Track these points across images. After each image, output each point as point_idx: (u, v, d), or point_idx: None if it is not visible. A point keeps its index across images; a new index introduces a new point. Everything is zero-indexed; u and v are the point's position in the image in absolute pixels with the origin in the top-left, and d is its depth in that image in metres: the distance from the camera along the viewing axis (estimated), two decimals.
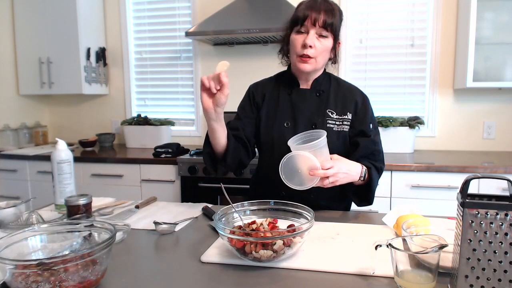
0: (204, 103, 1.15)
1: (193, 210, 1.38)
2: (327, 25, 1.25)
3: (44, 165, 2.74)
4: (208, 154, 1.31)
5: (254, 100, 1.43)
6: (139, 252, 1.04)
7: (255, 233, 0.88)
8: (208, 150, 1.31)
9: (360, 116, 1.36)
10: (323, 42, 1.27)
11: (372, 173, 1.27)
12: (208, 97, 1.16)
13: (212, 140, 1.26)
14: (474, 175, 0.74)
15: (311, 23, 1.24)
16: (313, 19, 1.24)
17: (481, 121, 2.71)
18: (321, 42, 1.26)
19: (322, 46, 1.27)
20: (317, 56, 1.27)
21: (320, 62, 1.31)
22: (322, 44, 1.27)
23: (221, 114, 1.20)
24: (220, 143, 1.26)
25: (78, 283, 0.75)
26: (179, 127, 3.23)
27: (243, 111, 1.43)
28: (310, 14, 1.24)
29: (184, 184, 2.53)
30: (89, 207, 1.22)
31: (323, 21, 1.24)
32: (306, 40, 1.24)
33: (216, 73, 1.11)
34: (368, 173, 1.26)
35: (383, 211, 1.29)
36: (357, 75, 2.87)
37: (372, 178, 1.27)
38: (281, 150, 1.26)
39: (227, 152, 1.27)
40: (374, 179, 1.27)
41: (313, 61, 1.28)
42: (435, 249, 0.75)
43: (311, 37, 1.25)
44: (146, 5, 3.21)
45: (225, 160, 1.28)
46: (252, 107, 1.42)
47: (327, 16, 1.24)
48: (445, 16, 2.68)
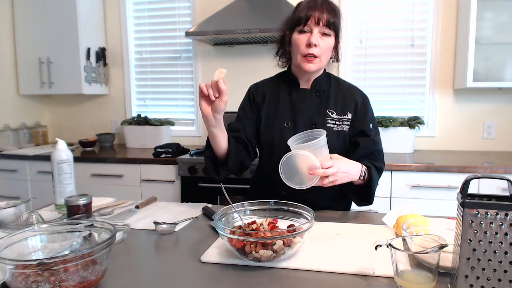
0: (203, 110, 1.16)
1: (193, 210, 1.38)
2: (330, 24, 1.25)
3: (44, 165, 2.74)
4: (210, 158, 1.31)
5: (254, 101, 1.43)
6: (139, 252, 1.04)
7: (255, 233, 0.88)
8: (209, 154, 1.31)
9: (360, 116, 1.36)
10: (326, 41, 1.27)
11: (372, 172, 1.27)
12: (207, 104, 1.16)
13: (213, 144, 1.27)
14: (474, 175, 0.74)
15: (315, 22, 1.25)
16: (317, 18, 1.24)
17: (481, 121, 2.71)
18: (325, 40, 1.27)
19: (326, 44, 1.27)
20: (321, 55, 1.28)
21: (324, 62, 1.31)
22: (325, 43, 1.27)
23: (221, 120, 1.21)
24: (221, 147, 1.27)
25: (78, 283, 0.75)
26: (179, 127, 3.23)
27: (243, 112, 1.43)
28: (313, 14, 1.24)
29: (184, 184, 2.53)
30: (89, 207, 1.22)
31: (327, 20, 1.24)
32: (311, 39, 1.25)
33: (214, 80, 1.11)
34: (368, 172, 1.26)
35: (383, 211, 1.29)
36: (357, 75, 2.87)
37: (372, 177, 1.27)
38: (281, 150, 1.25)
39: (229, 155, 1.27)
40: (374, 179, 1.27)
41: (317, 60, 1.28)
42: (435, 249, 0.75)
43: (315, 35, 1.25)
44: (146, 5, 3.21)
45: (226, 163, 1.28)
46: (252, 108, 1.43)
47: (329, 15, 1.25)
48: (445, 16, 2.68)
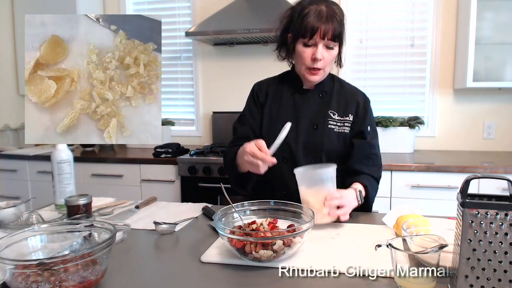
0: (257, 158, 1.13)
1: (193, 210, 1.38)
2: (335, 37, 1.24)
3: (44, 165, 2.74)
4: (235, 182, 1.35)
5: (258, 100, 1.42)
6: (139, 252, 1.04)
7: (255, 233, 0.88)
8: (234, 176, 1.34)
9: (359, 118, 1.36)
10: (331, 52, 1.26)
11: (369, 191, 1.28)
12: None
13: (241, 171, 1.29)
14: (474, 175, 0.74)
15: (320, 37, 1.22)
16: (322, 33, 1.21)
17: (481, 121, 2.71)
18: (329, 52, 1.26)
19: (330, 56, 1.27)
20: (325, 66, 1.28)
21: (327, 71, 1.32)
22: (330, 55, 1.27)
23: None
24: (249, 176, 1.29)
25: (78, 283, 0.75)
26: (179, 127, 3.23)
27: (250, 114, 1.42)
28: (319, 27, 1.21)
29: (184, 184, 2.53)
30: (89, 207, 1.22)
31: (332, 34, 1.22)
32: (316, 54, 1.23)
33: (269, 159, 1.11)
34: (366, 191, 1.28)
35: (383, 211, 1.29)
36: (357, 75, 2.87)
37: (368, 196, 1.28)
38: (282, 150, 1.25)
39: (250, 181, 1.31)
40: (370, 198, 1.30)
41: (321, 72, 1.29)
42: (435, 249, 0.75)
43: (320, 51, 1.24)
44: (146, 5, 3.21)
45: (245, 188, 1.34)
46: (257, 108, 1.42)
47: (334, 27, 1.22)
48: (445, 16, 2.68)
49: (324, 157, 1.32)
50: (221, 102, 3.09)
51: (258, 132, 1.39)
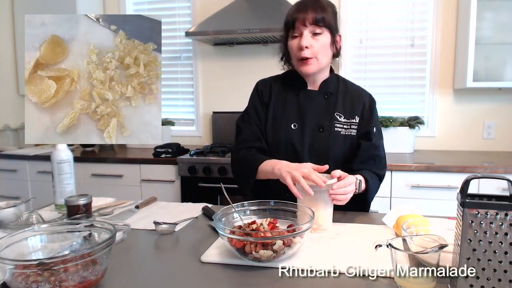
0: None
1: (193, 210, 1.38)
2: (318, 21, 1.23)
3: (44, 165, 2.74)
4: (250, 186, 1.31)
5: (263, 99, 1.40)
6: (139, 252, 1.04)
7: (255, 233, 0.88)
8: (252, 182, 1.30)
9: (365, 119, 1.35)
10: (319, 39, 1.25)
11: (369, 183, 1.26)
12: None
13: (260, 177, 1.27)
14: (474, 175, 0.74)
15: (302, 24, 1.23)
16: (302, 20, 1.23)
17: (481, 121, 2.71)
18: (318, 40, 1.25)
19: (319, 43, 1.25)
20: (317, 54, 1.26)
21: (323, 60, 1.29)
22: (319, 42, 1.25)
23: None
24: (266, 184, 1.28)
25: (78, 283, 0.75)
26: (179, 127, 3.23)
27: (255, 114, 1.39)
28: (297, 16, 1.23)
29: (184, 184, 2.53)
30: (89, 207, 1.22)
31: (313, 19, 1.22)
32: (301, 42, 1.23)
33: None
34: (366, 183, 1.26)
35: (383, 211, 1.29)
36: (357, 75, 2.87)
37: (369, 188, 1.26)
38: (287, 152, 1.25)
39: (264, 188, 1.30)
40: (371, 189, 1.27)
41: (314, 61, 1.26)
42: (435, 249, 0.75)
43: (305, 38, 1.23)
44: (146, 5, 3.21)
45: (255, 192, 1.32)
46: (262, 106, 1.39)
47: (315, 12, 1.22)
48: (445, 16, 2.68)
49: (331, 161, 1.27)
50: (221, 102, 3.09)
51: (264, 131, 1.37)
